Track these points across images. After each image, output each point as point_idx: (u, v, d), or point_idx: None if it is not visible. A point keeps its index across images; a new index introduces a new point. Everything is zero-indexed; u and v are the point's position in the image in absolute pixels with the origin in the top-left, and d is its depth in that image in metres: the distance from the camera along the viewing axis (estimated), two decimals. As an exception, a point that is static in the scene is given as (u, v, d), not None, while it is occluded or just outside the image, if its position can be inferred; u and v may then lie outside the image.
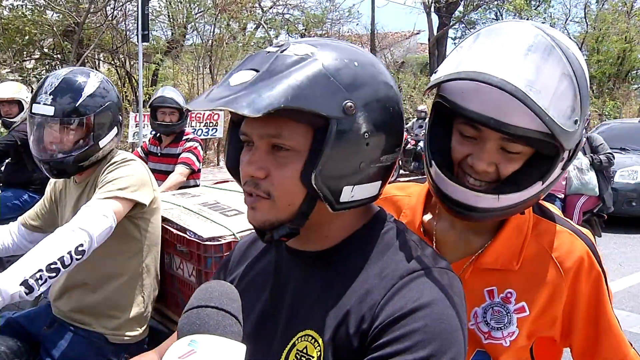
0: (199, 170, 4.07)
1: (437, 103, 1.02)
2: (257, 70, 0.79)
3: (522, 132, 0.92)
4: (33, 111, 1.80)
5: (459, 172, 1.01)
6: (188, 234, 1.94)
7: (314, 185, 0.81)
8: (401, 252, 0.88)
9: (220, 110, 0.79)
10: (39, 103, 1.79)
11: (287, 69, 0.79)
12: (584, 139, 0.99)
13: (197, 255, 1.90)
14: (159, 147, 4.13)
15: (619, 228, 7.39)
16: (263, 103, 0.74)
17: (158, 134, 4.18)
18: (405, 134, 1.37)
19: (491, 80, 0.90)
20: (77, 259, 1.53)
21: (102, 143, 1.86)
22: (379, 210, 0.96)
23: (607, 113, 20.06)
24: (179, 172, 3.83)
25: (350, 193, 0.84)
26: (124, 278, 1.92)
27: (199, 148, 4.03)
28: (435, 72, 1.01)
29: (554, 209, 1.16)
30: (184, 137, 4.07)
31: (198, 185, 3.87)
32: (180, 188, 3.55)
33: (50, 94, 1.79)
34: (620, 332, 1.08)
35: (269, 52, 0.82)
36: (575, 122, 0.93)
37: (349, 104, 0.80)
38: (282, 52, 0.81)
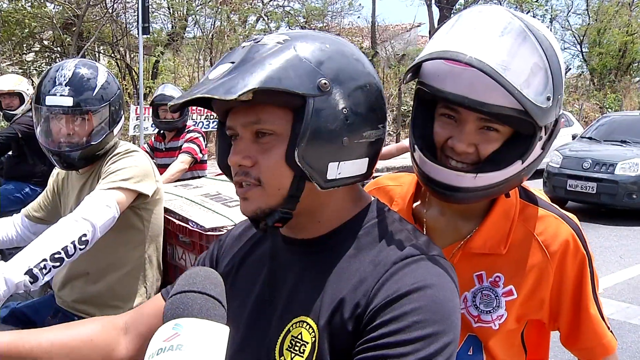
0: (205, 161, 4.16)
1: (418, 89, 1.04)
2: (233, 63, 0.83)
3: (496, 109, 0.94)
4: (48, 103, 1.79)
5: (442, 155, 1.04)
6: (190, 224, 1.96)
7: (299, 164, 0.82)
8: (395, 240, 0.89)
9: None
10: (55, 95, 1.78)
11: (260, 57, 0.82)
12: (563, 119, 1.04)
13: (199, 246, 1.91)
14: (163, 143, 4.27)
15: (620, 220, 7.41)
16: (238, 86, 0.77)
17: (161, 131, 4.27)
18: None
19: (458, 57, 0.92)
20: (80, 249, 1.55)
21: (115, 131, 1.90)
22: (374, 200, 0.97)
23: (608, 106, 20.01)
24: (180, 161, 3.90)
25: (336, 170, 0.86)
26: (126, 268, 1.94)
27: (201, 139, 4.11)
28: (413, 60, 1.04)
29: (541, 194, 1.18)
30: (186, 130, 4.17)
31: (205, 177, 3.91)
32: (187, 179, 3.57)
33: (66, 85, 1.79)
34: (598, 316, 1.10)
35: (244, 46, 0.86)
36: (548, 98, 0.95)
37: (324, 81, 0.82)
38: (256, 43, 0.85)
